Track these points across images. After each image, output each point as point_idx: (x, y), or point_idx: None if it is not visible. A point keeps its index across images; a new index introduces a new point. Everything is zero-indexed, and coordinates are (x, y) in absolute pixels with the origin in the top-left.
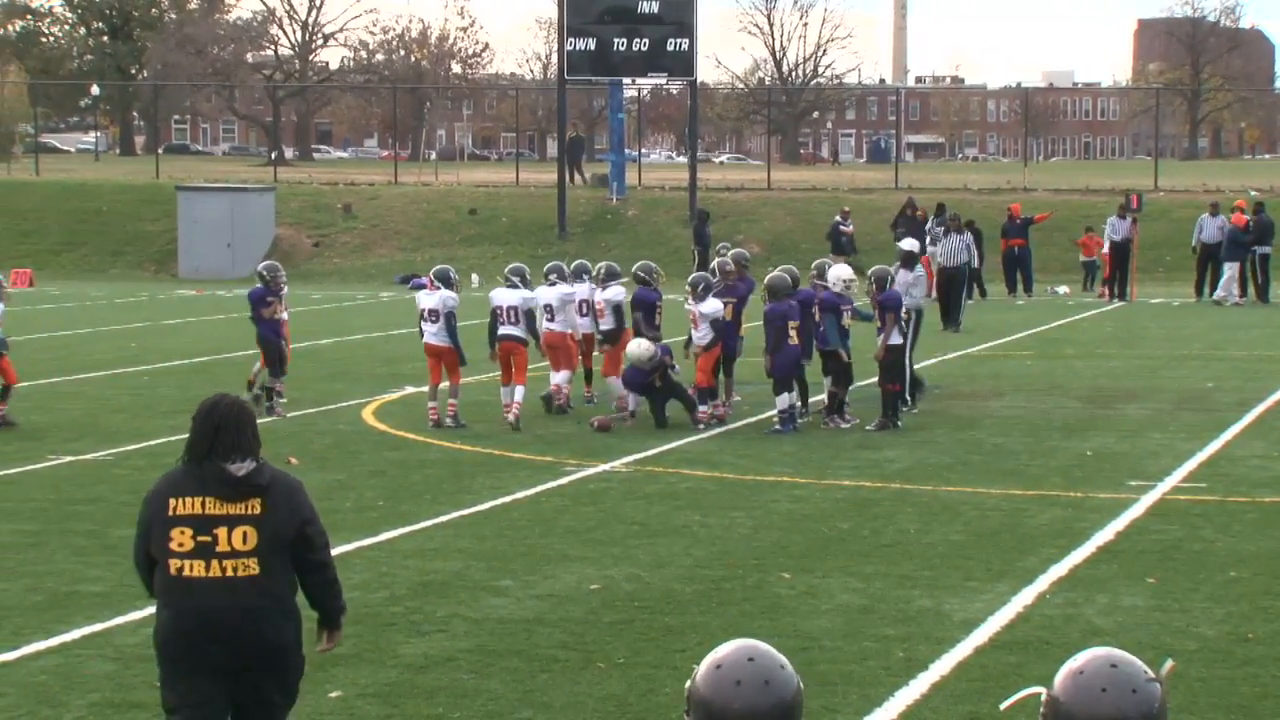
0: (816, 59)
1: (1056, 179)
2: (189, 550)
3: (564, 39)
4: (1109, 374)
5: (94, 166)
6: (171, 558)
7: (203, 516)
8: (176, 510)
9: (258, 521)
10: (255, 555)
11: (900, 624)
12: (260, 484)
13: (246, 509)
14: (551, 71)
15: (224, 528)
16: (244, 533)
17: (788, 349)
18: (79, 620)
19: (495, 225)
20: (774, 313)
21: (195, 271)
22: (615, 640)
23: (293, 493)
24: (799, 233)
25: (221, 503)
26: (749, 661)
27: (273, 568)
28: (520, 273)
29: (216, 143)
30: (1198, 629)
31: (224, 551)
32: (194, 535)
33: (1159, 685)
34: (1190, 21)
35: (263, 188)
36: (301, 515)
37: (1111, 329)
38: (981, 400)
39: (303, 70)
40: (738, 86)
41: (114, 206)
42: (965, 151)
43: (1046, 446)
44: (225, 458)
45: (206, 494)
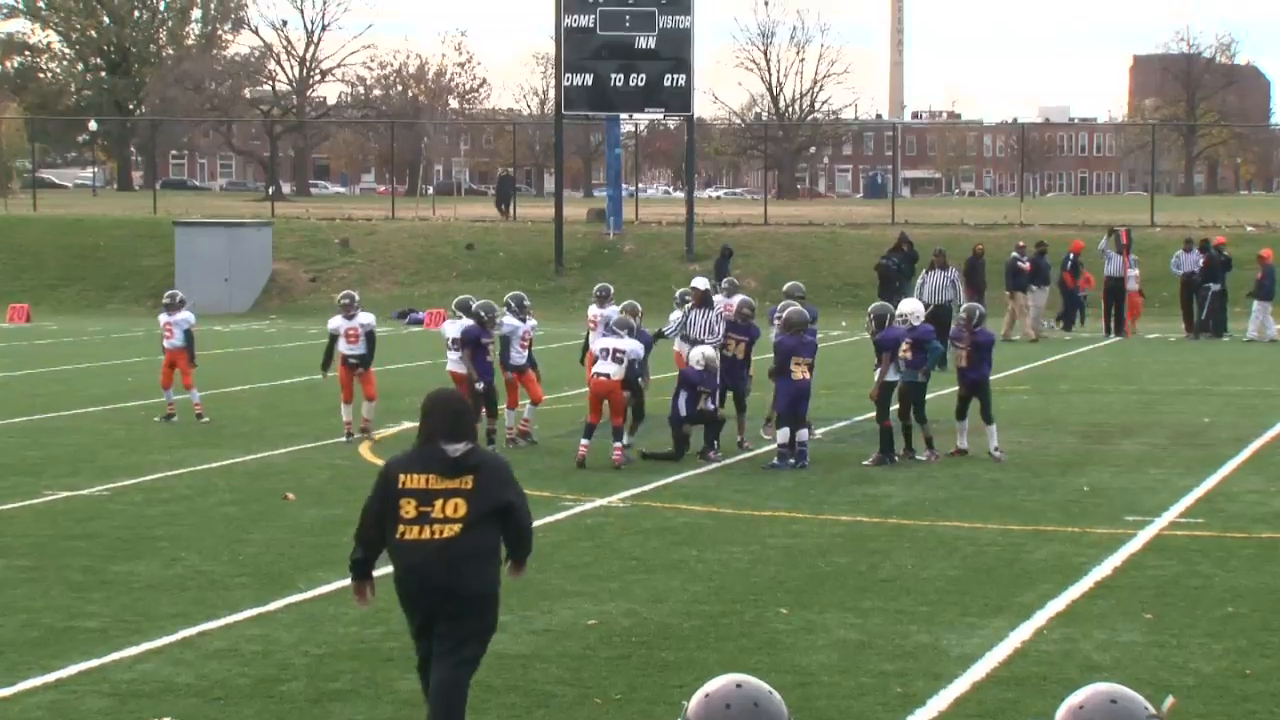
0: (813, 94)
1: (1053, 214)
2: (412, 517)
3: (561, 74)
4: (1105, 409)
5: (91, 202)
6: (400, 524)
7: (425, 490)
8: (405, 484)
9: (468, 495)
10: (463, 522)
11: (898, 659)
12: (472, 463)
13: (460, 484)
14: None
15: (441, 499)
16: (456, 504)
17: (791, 383)
18: (75, 656)
19: (492, 260)
20: (782, 345)
21: (192, 307)
22: (612, 676)
23: (498, 471)
24: (795, 268)
25: (441, 478)
26: (737, 687)
27: (477, 533)
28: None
29: (214, 178)
30: (1195, 665)
31: (438, 519)
32: (417, 505)
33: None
34: (1185, 58)
35: (260, 223)
36: (504, 490)
37: (1108, 364)
38: (976, 435)
39: (300, 106)
40: (735, 122)
41: (111, 241)
42: (962, 186)
43: (1043, 481)
44: (445, 441)
45: (429, 471)
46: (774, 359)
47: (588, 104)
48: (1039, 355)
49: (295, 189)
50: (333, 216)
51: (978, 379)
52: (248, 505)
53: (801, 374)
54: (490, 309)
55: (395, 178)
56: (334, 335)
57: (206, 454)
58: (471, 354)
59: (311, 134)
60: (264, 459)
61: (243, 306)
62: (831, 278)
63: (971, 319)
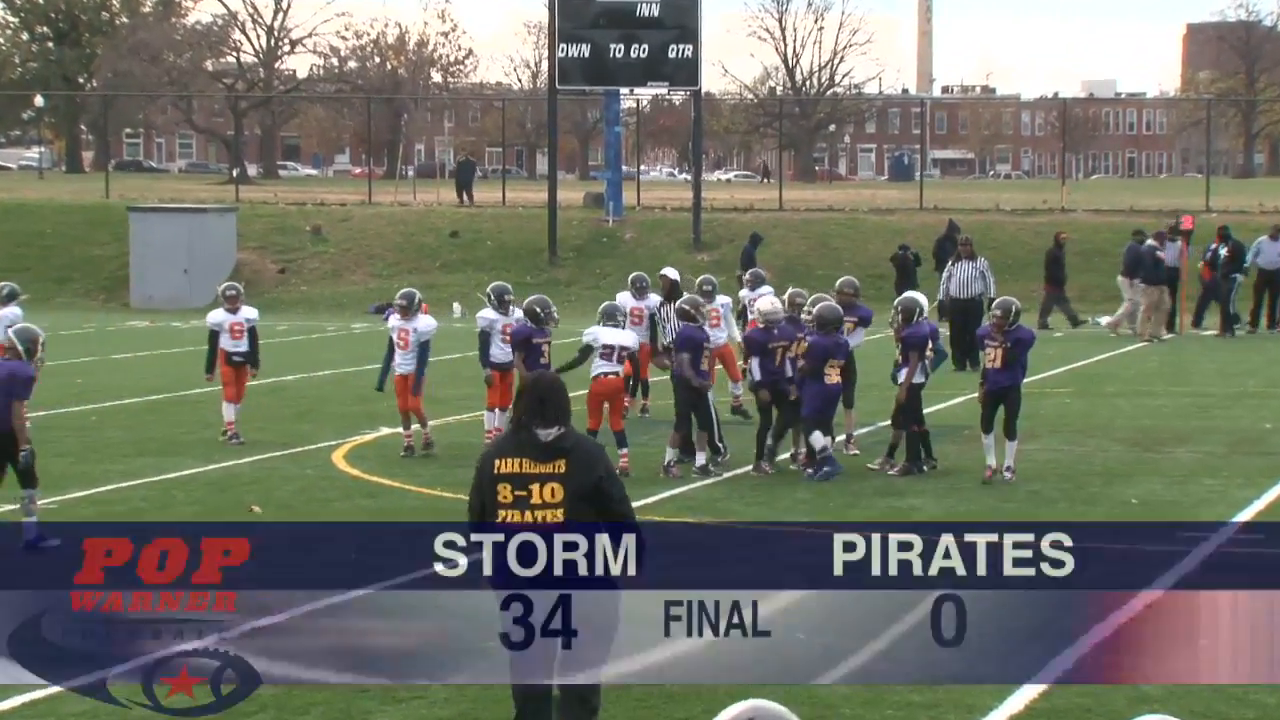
0: (833, 66)
1: (1098, 198)
2: (510, 502)
3: (555, 45)
4: (1156, 413)
5: (37, 185)
6: (499, 509)
7: (520, 474)
8: (500, 469)
9: (563, 478)
10: (561, 506)
11: (926, 690)
12: (565, 447)
13: (554, 468)
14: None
15: (536, 484)
16: (552, 488)
17: (823, 387)
18: (23, 686)
19: (479, 249)
20: (817, 346)
21: (149, 300)
22: (612, 706)
23: (591, 454)
24: (814, 257)
25: (535, 463)
26: (754, 705)
27: (575, 515)
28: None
29: (173, 159)
30: (1257, 696)
31: (536, 504)
32: (513, 490)
33: None
34: (1244, 26)
35: (223, 208)
36: (597, 473)
37: (1158, 364)
38: None
39: (268, 79)
40: (746, 97)
41: (59, 229)
42: (997, 168)
43: (1087, 494)
44: (538, 425)
45: (523, 455)
46: (805, 361)
47: (584, 77)
48: (1082, 354)
49: (262, 171)
50: (303, 201)
51: (1010, 384)
52: (209, 519)
53: (836, 377)
54: (545, 304)
55: (372, 159)
56: (216, 331)
57: (164, 464)
58: (524, 357)
59: (280, 110)
60: (227, 468)
61: (204, 300)
62: (853, 268)
63: (1008, 316)
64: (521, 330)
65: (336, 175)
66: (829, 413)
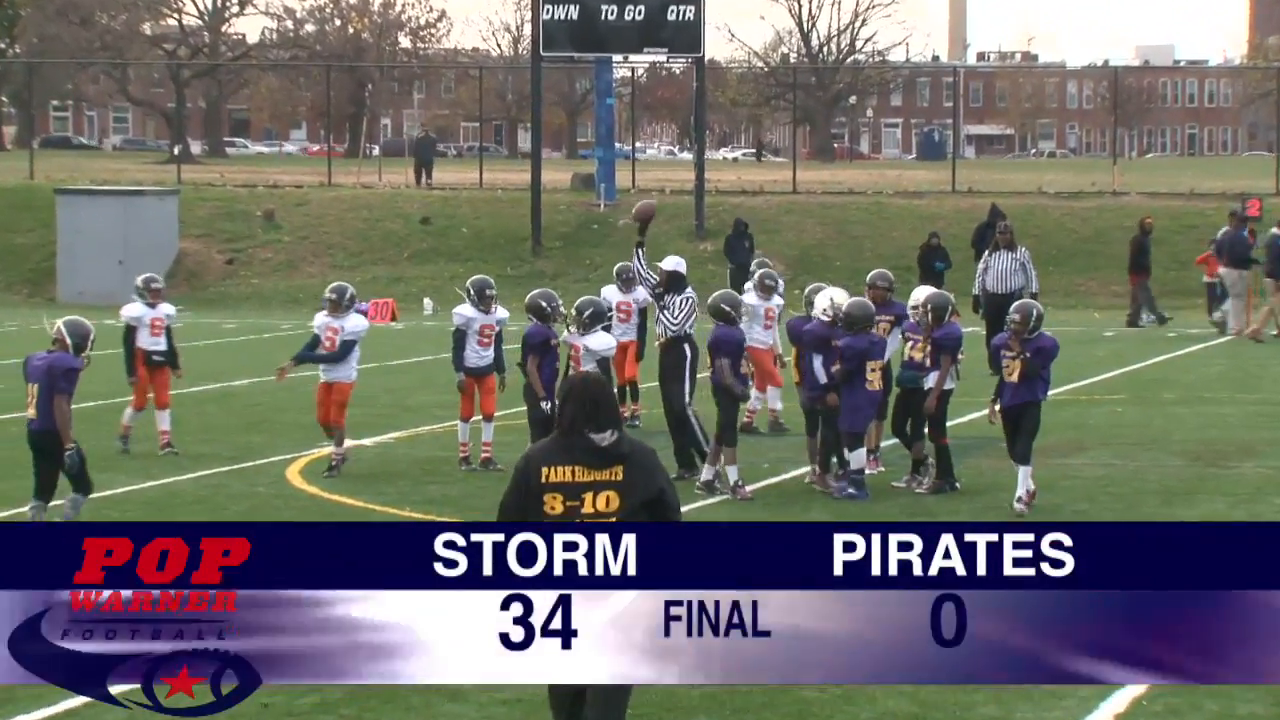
0: (854, 30)
1: (1154, 180)
2: (560, 514)
3: (539, 5)
4: (1220, 424)
5: None
6: (547, 521)
7: (572, 483)
8: (549, 478)
9: (620, 486)
10: (614, 517)
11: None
12: (622, 452)
13: (610, 475)
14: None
15: (590, 493)
16: (607, 497)
17: (864, 393)
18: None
19: (453, 237)
20: (852, 347)
21: (79, 295)
22: None
23: (650, 459)
24: (831, 245)
25: (589, 470)
26: None
27: None
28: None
29: (106, 135)
30: None
31: (589, 514)
32: (564, 500)
33: None
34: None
35: (163, 191)
36: (657, 481)
37: (1222, 368)
38: (1059, 457)
39: (213, 45)
40: (755, 65)
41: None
42: (1039, 146)
43: (1142, 514)
44: (589, 429)
45: (575, 463)
46: (839, 364)
47: (572, 43)
48: (1136, 357)
49: (207, 149)
50: (254, 183)
51: (1028, 400)
52: None
53: (878, 383)
54: (550, 297)
55: (332, 135)
56: (134, 327)
57: (95, 480)
58: (538, 362)
59: (227, 80)
60: (166, 486)
61: None
62: (875, 259)
63: (1027, 322)
64: (538, 332)
65: (291, 154)
66: (868, 424)
